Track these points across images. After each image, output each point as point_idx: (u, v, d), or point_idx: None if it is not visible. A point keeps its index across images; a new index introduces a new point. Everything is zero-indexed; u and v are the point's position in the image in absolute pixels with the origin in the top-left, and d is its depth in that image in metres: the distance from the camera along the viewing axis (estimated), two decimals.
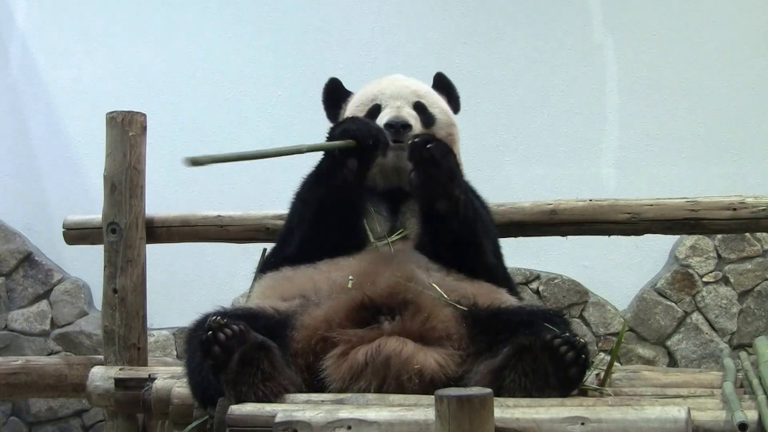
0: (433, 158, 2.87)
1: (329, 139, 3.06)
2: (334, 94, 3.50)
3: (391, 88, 3.34)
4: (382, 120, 3.18)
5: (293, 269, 3.05)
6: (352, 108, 3.36)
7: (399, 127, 3.14)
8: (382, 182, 3.20)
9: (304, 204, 3.19)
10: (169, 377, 3.25)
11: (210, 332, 2.53)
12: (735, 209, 3.52)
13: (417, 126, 3.21)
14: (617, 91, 6.25)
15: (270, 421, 2.39)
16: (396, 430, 2.30)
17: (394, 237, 3.09)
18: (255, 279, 3.41)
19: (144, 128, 3.79)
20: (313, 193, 3.14)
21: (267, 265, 3.28)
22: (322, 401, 2.55)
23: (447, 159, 2.91)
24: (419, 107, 3.30)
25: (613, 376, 3.00)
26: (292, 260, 3.09)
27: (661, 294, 6.11)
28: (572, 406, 2.38)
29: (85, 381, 3.59)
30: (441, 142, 2.98)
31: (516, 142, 6.25)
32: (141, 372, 3.52)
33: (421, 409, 2.34)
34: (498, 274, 3.13)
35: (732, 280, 6.09)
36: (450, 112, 3.43)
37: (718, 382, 2.88)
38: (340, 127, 3.06)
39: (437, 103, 3.38)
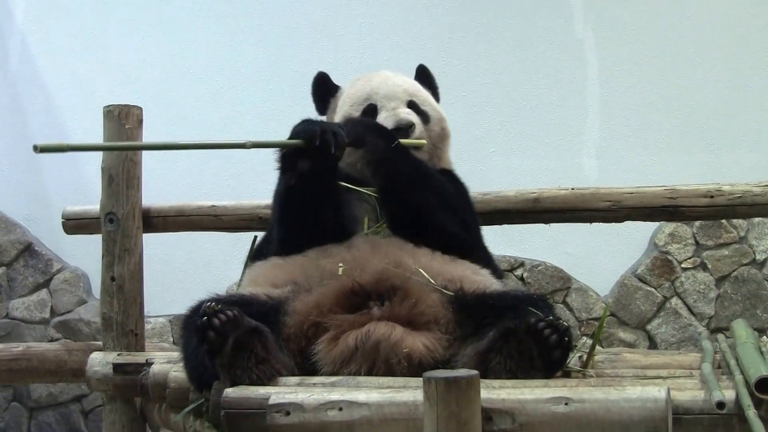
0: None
1: (290, 138, 3.08)
2: (323, 88, 3.57)
3: (383, 87, 3.40)
4: (387, 123, 3.27)
5: (283, 258, 3.09)
6: (346, 106, 3.41)
7: (407, 129, 3.25)
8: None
9: (273, 204, 3.26)
10: (166, 362, 3.26)
11: (205, 318, 2.56)
12: (712, 197, 3.57)
13: (419, 123, 3.31)
14: (598, 84, 6.30)
15: (264, 404, 2.42)
16: (386, 411, 2.32)
17: (373, 228, 3.13)
18: (246, 266, 3.46)
19: (140, 121, 3.82)
20: (278, 193, 3.19)
21: (257, 255, 3.34)
22: (314, 384, 2.58)
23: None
24: (412, 106, 3.38)
25: (596, 358, 3.04)
26: (279, 254, 3.13)
27: (641, 280, 6.18)
28: (556, 387, 2.41)
29: (84, 366, 3.63)
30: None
31: (500, 134, 6.30)
32: (138, 357, 3.55)
33: (410, 390, 2.37)
34: (473, 251, 3.18)
35: (710, 266, 6.15)
36: (438, 106, 3.51)
37: (697, 363, 2.91)
38: (295, 128, 3.09)
39: (427, 100, 3.46)
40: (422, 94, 3.47)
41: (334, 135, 3.00)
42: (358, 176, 3.21)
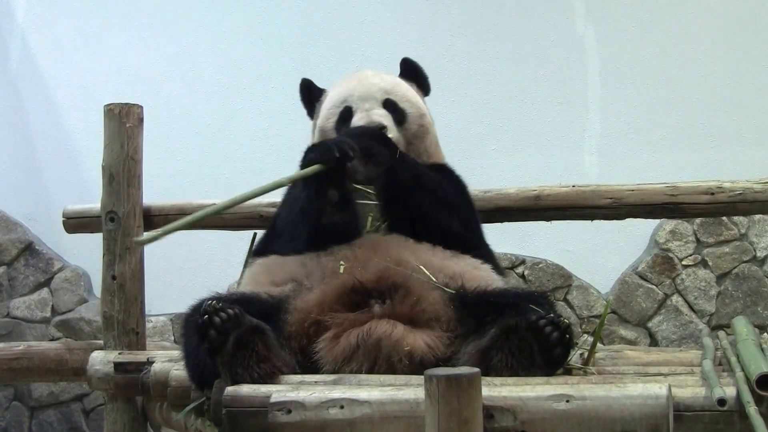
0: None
1: (306, 165, 3.01)
2: (308, 94, 3.59)
3: (360, 88, 3.38)
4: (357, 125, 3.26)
5: (284, 256, 3.10)
6: (326, 111, 3.42)
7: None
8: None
9: (295, 224, 3.18)
10: (167, 361, 3.26)
11: (206, 316, 2.56)
12: (713, 193, 3.58)
13: (391, 125, 3.27)
14: (599, 82, 6.30)
15: (265, 402, 2.42)
16: (387, 409, 2.33)
17: (375, 226, 3.14)
18: (246, 264, 3.46)
19: (141, 120, 3.83)
20: (304, 221, 3.12)
21: (258, 252, 3.34)
22: (316, 382, 2.58)
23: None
24: (389, 104, 3.34)
25: (597, 355, 3.04)
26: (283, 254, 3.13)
27: (642, 277, 6.19)
28: (557, 384, 2.40)
29: (85, 365, 3.62)
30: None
31: (501, 131, 6.31)
32: (139, 356, 3.54)
33: (411, 388, 2.37)
34: (473, 247, 3.18)
35: (710, 263, 6.16)
36: (420, 101, 3.45)
37: (698, 360, 2.92)
38: (305, 160, 3.03)
39: (406, 96, 3.40)
40: (401, 91, 3.41)
41: (349, 146, 2.98)
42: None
